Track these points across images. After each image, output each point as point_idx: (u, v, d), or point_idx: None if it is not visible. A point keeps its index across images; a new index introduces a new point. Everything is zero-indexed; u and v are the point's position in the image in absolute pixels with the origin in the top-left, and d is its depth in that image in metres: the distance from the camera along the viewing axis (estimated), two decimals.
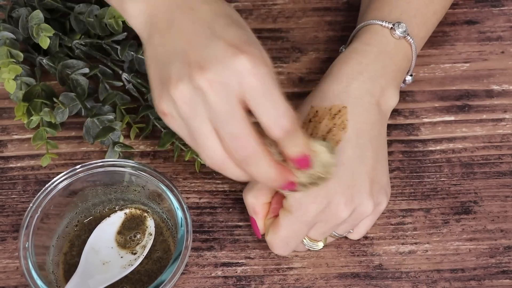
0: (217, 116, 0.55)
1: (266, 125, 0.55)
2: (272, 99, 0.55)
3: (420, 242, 0.71)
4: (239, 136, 0.55)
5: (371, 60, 0.69)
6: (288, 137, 0.56)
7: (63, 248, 0.69)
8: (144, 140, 0.76)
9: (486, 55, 0.81)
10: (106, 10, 0.76)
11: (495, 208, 0.73)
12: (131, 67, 0.78)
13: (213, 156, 0.57)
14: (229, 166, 0.58)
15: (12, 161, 0.75)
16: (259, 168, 0.57)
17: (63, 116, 0.74)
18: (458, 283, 0.69)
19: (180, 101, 0.56)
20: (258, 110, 0.55)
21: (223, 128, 0.55)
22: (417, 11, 0.73)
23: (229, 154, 0.57)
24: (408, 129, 0.77)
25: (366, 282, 0.69)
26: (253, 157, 0.56)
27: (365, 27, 0.72)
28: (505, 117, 0.77)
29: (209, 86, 0.54)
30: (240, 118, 0.55)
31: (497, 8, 0.84)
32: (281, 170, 0.58)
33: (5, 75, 0.72)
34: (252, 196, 0.67)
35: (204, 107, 0.55)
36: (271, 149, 0.59)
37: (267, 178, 0.58)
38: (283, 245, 0.66)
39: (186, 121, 0.56)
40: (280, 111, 0.55)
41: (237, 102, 0.55)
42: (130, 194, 0.70)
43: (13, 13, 0.77)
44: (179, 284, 0.69)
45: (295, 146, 0.57)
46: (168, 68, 0.56)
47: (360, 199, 0.64)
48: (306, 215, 0.64)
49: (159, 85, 0.57)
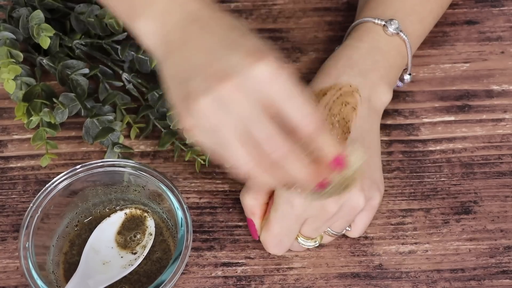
0: (247, 123, 0.55)
1: (298, 123, 0.56)
2: (298, 99, 0.56)
3: (420, 242, 0.71)
4: (273, 137, 0.55)
5: (361, 55, 0.70)
6: (321, 136, 0.57)
7: (63, 248, 0.69)
8: (144, 140, 0.76)
9: (486, 55, 0.81)
10: (106, 10, 0.76)
11: (495, 208, 0.73)
12: (132, 67, 0.78)
13: (243, 164, 0.57)
14: (258, 172, 0.57)
15: (12, 161, 0.75)
16: (295, 165, 0.57)
17: (63, 116, 0.74)
18: (458, 283, 0.69)
19: (205, 114, 0.55)
20: (287, 111, 0.55)
21: (255, 134, 0.55)
22: (412, 9, 0.73)
23: (259, 160, 0.56)
24: (408, 129, 0.77)
25: (366, 282, 0.69)
26: (289, 155, 0.56)
27: (359, 25, 0.73)
28: (505, 117, 0.77)
29: (235, 94, 0.55)
30: (269, 121, 0.55)
31: (497, 8, 0.84)
32: (316, 167, 0.58)
33: (5, 75, 0.72)
34: (251, 198, 0.67)
35: (231, 116, 0.55)
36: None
37: (303, 176, 0.57)
38: (277, 243, 0.66)
39: (214, 133, 0.56)
40: (308, 109, 0.56)
41: (262, 108, 0.55)
42: (130, 194, 0.70)
43: (13, 13, 0.77)
44: (179, 284, 0.69)
45: (331, 145, 0.57)
46: (189, 84, 0.56)
47: (348, 194, 0.64)
48: (293, 208, 0.64)
49: (182, 102, 0.57)
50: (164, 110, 0.75)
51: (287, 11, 0.84)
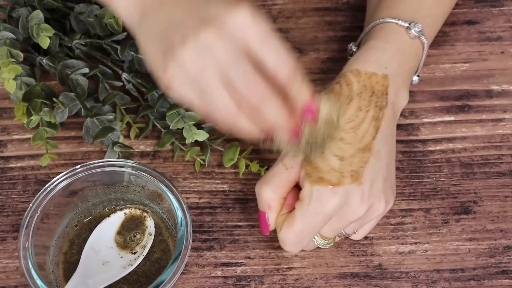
0: (226, 67, 0.56)
1: (273, 67, 0.57)
2: (275, 45, 0.57)
3: (420, 242, 0.71)
4: (251, 79, 0.57)
5: (389, 58, 0.69)
6: (295, 81, 0.58)
7: (63, 248, 0.69)
8: (144, 140, 0.76)
9: (486, 55, 0.81)
10: (106, 10, 0.76)
11: (495, 208, 0.73)
12: (131, 67, 0.78)
13: (226, 112, 0.58)
14: (241, 120, 0.58)
15: (12, 161, 0.75)
16: (272, 110, 0.58)
17: (62, 116, 0.74)
18: (458, 283, 0.69)
19: (188, 61, 0.56)
20: (264, 55, 0.57)
21: (234, 77, 0.57)
22: (429, 10, 0.73)
23: (241, 106, 0.57)
24: (408, 129, 0.77)
25: (365, 282, 0.69)
26: (265, 98, 0.57)
27: (380, 24, 0.72)
28: (505, 117, 0.77)
29: (214, 40, 0.56)
30: (249, 65, 0.57)
31: (497, 8, 0.84)
32: (291, 114, 0.59)
33: (5, 75, 0.72)
34: (270, 190, 0.66)
35: (212, 61, 0.56)
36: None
37: (279, 121, 0.58)
38: (297, 240, 0.65)
39: (196, 81, 0.57)
40: (284, 53, 0.58)
41: (242, 53, 0.57)
42: (130, 194, 0.70)
43: (13, 13, 0.77)
44: (179, 284, 0.69)
45: (303, 92, 0.59)
46: (168, 38, 0.57)
47: (375, 197, 0.64)
48: (324, 206, 0.63)
49: (162, 56, 0.58)
50: (164, 110, 0.75)
51: (286, 11, 0.84)
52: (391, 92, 0.68)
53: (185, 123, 0.73)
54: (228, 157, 0.74)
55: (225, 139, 0.76)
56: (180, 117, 0.73)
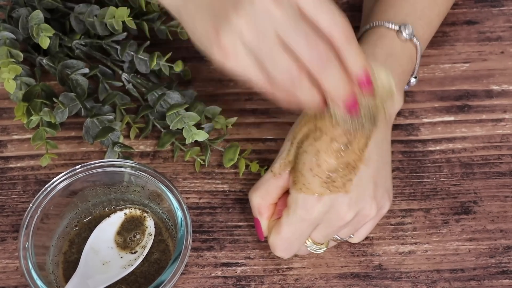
0: (286, 29, 0.55)
1: (328, 29, 0.56)
2: (328, 6, 0.56)
3: (420, 242, 0.71)
4: (312, 40, 0.55)
5: (380, 64, 0.69)
6: (351, 46, 0.57)
7: (63, 248, 0.69)
8: (144, 140, 0.76)
9: (485, 55, 0.81)
10: (106, 10, 0.76)
11: (495, 208, 0.73)
12: (131, 67, 0.78)
13: (288, 77, 0.56)
14: (304, 86, 0.57)
15: (12, 161, 0.75)
16: (333, 72, 0.56)
17: (62, 116, 0.74)
18: (458, 283, 0.69)
19: (244, 27, 0.55)
20: (317, 16, 0.56)
21: (295, 39, 0.55)
22: (422, 12, 0.72)
23: (303, 71, 0.56)
24: (408, 129, 0.77)
25: (365, 282, 0.69)
26: (328, 60, 0.56)
27: (371, 29, 0.72)
28: (505, 117, 0.77)
29: (270, 2, 0.54)
30: (308, 26, 0.55)
31: (496, 8, 0.84)
32: (350, 80, 0.58)
33: (5, 75, 0.72)
34: (259, 196, 0.66)
35: (271, 25, 0.55)
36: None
37: (340, 85, 0.57)
38: (286, 246, 0.65)
39: (255, 47, 0.56)
40: (338, 15, 0.56)
41: (299, 15, 0.55)
42: (130, 194, 0.70)
43: (13, 13, 0.77)
44: (179, 284, 0.69)
45: (359, 58, 0.57)
46: (219, 8, 0.56)
47: (363, 202, 0.64)
48: (309, 213, 0.63)
49: (213, 29, 0.56)
50: (164, 110, 0.75)
51: None
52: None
53: (185, 123, 0.73)
54: (228, 157, 0.74)
55: (225, 139, 0.76)
56: (180, 117, 0.73)
